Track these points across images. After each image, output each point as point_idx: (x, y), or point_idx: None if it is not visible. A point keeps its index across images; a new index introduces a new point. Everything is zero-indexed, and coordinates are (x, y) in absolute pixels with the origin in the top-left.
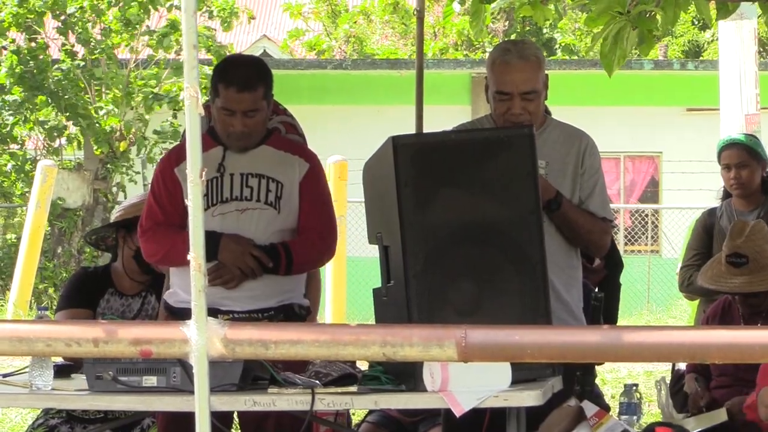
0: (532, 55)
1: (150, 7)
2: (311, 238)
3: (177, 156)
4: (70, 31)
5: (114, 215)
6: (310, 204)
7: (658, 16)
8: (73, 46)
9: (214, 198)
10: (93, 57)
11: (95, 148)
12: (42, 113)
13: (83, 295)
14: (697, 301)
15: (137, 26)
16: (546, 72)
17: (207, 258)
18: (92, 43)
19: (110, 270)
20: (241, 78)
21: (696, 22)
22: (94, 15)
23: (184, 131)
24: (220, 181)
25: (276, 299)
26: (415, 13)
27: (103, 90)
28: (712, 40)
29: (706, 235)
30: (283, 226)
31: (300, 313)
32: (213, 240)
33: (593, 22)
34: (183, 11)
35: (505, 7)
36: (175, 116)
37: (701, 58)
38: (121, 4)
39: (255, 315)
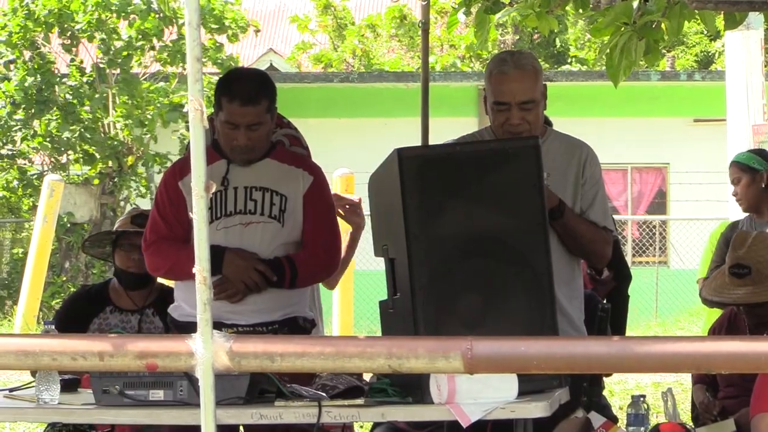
0: (528, 65)
1: (162, 24)
2: (315, 252)
3: (181, 169)
4: (81, 45)
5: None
6: (314, 217)
7: (664, 26)
8: (81, 61)
9: (218, 211)
10: (113, 68)
11: (99, 166)
12: (51, 127)
13: (71, 321)
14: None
15: (154, 39)
16: (545, 83)
17: (211, 273)
18: (112, 53)
19: (108, 286)
20: (245, 92)
21: (706, 32)
22: (103, 28)
23: (188, 144)
24: (224, 195)
25: (280, 312)
26: (420, 25)
27: (113, 103)
28: (722, 51)
29: (727, 247)
30: (287, 240)
31: (304, 326)
32: (217, 255)
33: (599, 33)
34: (186, 24)
35: (511, 20)
36: (188, 129)
37: (711, 68)
38: (132, 17)
39: (259, 328)
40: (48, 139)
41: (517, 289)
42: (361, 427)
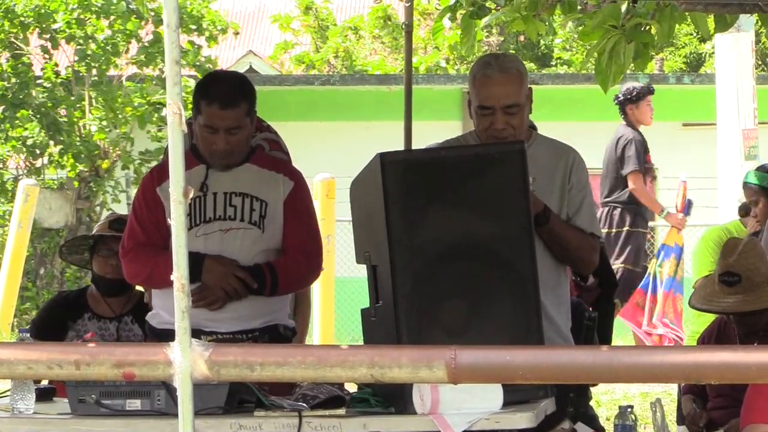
0: (513, 69)
1: (138, 24)
2: (296, 258)
3: (159, 175)
4: (59, 47)
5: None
6: (294, 223)
7: (653, 30)
8: (56, 64)
9: (197, 218)
10: (89, 72)
11: (68, 170)
12: (23, 130)
13: (48, 328)
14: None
15: (132, 40)
16: (530, 86)
17: (190, 280)
18: (89, 57)
19: (86, 293)
20: (224, 95)
21: (696, 34)
22: (82, 30)
23: (166, 149)
24: (203, 201)
25: (260, 320)
26: (404, 27)
27: (89, 106)
28: (712, 52)
29: None
30: (267, 246)
31: (285, 334)
32: (196, 262)
33: (587, 37)
34: (165, 26)
35: (497, 22)
36: (159, 130)
37: (701, 70)
38: (112, 18)
39: (239, 336)
40: (21, 143)
41: (501, 294)
42: None
